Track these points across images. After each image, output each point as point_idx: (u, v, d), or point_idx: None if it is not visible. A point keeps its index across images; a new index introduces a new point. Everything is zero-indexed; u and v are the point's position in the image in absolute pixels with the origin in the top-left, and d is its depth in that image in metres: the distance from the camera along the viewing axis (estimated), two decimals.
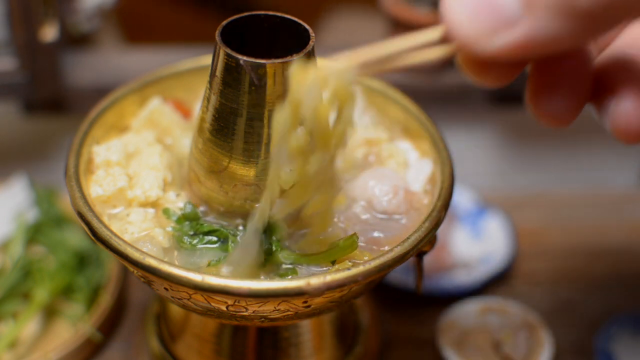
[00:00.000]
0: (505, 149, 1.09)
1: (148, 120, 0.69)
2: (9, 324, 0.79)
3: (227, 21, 0.57)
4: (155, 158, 0.64)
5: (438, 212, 0.60)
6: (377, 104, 0.73)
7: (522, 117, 1.07)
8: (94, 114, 0.67)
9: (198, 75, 0.72)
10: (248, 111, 0.56)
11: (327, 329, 0.73)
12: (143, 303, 0.84)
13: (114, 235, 0.56)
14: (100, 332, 0.79)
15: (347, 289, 0.55)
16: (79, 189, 0.60)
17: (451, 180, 0.63)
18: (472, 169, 1.06)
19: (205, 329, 0.70)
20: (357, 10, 1.48)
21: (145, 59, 1.02)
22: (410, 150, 0.69)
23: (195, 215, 0.61)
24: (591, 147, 1.10)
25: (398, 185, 0.63)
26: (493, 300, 0.84)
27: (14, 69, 0.92)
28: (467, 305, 0.83)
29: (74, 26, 1.05)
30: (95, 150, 0.65)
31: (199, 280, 0.53)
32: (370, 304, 0.82)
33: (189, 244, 0.59)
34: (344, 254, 0.57)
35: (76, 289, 0.82)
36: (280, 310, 0.56)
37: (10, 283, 0.80)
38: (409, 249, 0.57)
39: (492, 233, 0.93)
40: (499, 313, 0.83)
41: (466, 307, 0.83)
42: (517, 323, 0.82)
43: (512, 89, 1.01)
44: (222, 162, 0.59)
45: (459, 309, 0.83)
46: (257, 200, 0.59)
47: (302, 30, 0.57)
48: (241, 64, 0.54)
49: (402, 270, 0.87)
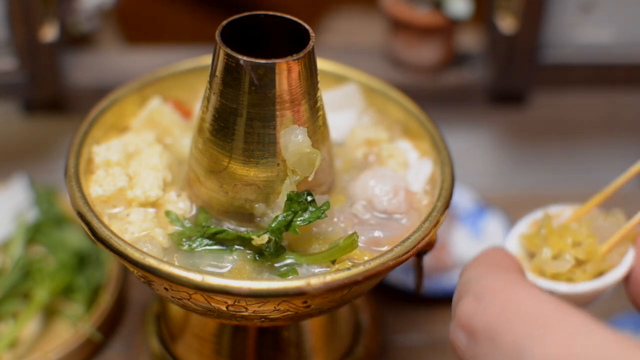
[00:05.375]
0: (505, 149, 1.09)
1: (148, 120, 0.69)
2: (9, 324, 0.79)
3: (227, 21, 0.57)
4: (155, 158, 0.64)
5: (438, 212, 0.60)
6: (377, 104, 0.73)
7: (522, 117, 1.08)
8: (94, 114, 0.67)
9: (198, 75, 0.72)
10: (248, 111, 0.56)
11: (327, 329, 0.73)
12: (143, 303, 0.84)
13: (114, 235, 0.56)
14: (100, 332, 0.79)
15: (347, 289, 0.55)
16: (79, 189, 0.60)
17: (451, 180, 0.64)
18: (472, 169, 1.06)
19: (205, 329, 0.70)
20: (357, 11, 1.48)
21: (145, 59, 1.02)
22: (410, 150, 0.69)
23: (206, 219, 0.61)
24: (591, 147, 1.10)
25: (398, 185, 0.63)
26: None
27: (14, 69, 0.92)
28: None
29: (74, 26, 1.05)
30: (95, 150, 0.65)
31: (199, 280, 0.53)
32: (370, 304, 0.82)
33: (188, 247, 0.59)
34: (344, 253, 0.57)
35: (76, 289, 0.82)
36: (280, 310, 0.56)
37: (10, 283, 0.80)
38: (409, 249, 0.57)
39: (492, 233, 0.93)
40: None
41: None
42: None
43: (512, 89, 1.02)
44: (222, 162, 0.59)
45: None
46: (257, 201, 0.59)
47: (302, 30, 0.57)
48: (241, 64, 0.54)
49: (402, 270, 0.87)
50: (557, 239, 0.59)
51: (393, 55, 1.01)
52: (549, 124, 1.09)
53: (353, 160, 0.68)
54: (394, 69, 1.02)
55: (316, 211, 0.58)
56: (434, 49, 0.99)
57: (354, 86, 0.73)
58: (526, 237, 0.61)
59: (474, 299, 0.49)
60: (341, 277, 0.54)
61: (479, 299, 0.48)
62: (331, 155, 0.64)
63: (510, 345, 0.44)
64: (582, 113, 1.08)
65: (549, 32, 0.97)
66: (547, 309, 0.45)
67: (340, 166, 0.67)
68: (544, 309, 0.45)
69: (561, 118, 1.09)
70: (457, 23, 0.98)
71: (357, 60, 0.98)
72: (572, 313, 0.45)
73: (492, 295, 0.48)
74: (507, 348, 0.44)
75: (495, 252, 0.57)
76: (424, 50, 0.99)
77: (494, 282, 0.49)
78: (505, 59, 0.97)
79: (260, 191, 0.59)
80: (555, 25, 0.97)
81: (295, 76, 0.56)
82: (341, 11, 1.50)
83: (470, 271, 0.53)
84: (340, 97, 0.72)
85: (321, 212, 0.58)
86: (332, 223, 0.60)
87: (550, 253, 0.58)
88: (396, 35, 1.00)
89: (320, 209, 0.58)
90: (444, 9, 0.96)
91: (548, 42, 0.97)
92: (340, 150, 0.69)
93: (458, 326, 0.49)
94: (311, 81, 0.57)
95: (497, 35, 0.97)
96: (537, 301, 0.46)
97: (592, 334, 0.43)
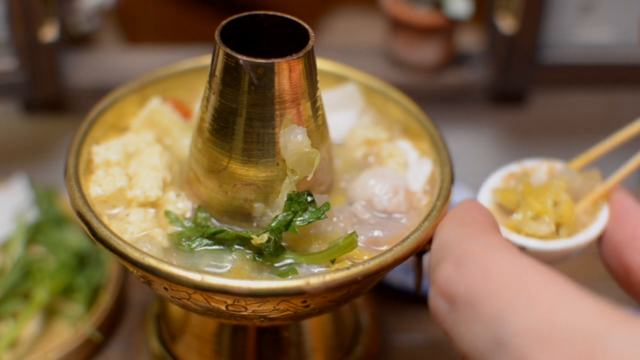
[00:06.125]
0: (505, 149, 1.09)
1: (148, 120, 0.69)
2: (9, 324, 0.79)
3: (227, 21, 0.57)
4: (155, 158, 0.64)
5: (438, 211, 0.60)
6: (377, 104, 0.73)
7: (522, 117, 1.07)
8: (94, 114, 0.67)
9: (198, 75, 0.73)
10: (247, 111, 0.56)
11: (327, 329, 0.73)
12: (143, 303, 0.84)
13: (114, 235, 0.56)
14: (100, 332, 0.79)
15: (347, 289, 0.55)
16: (79, 189, 0.60)
17: (451, 179, 0.64)
18: (472, 169, 1.06)
19: (205, 329, 0.70)
20: (357, 10, 1.48)
21: (145, 59, 1.03)
22: (410, 150, 0.69)
23: (205, 219, 0.61)
24: (591, 147, 1.10)
25: (398, 185, 0.63)
26: None
27: (14, 69, 0.92)
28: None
29: (74, 26, 1.05)
30: (95, 150, 0.65)
31: (199, 280, 0.53)
32: (370, 304, 0.82)
33: (187, 247, 0.59)
34: (343, 253, 0.57)
35: (76, 289, 0.82)
36: (280, 309, 0.56)
37: (10, 283, 0.80)
38: (408, 248, 0.57)
39: None
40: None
41: None
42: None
43: (512, 89, 1.02)
44: (221, 162, 0.59)
45: None
46: (256, 200, 0.59)
47: (302, 30, 0.57)
48: (241, 63, 0.54)
49: (402, 270, 0.87)
50: (536, 200, 0.58)
51: (393, 55, 1.01)
52: (548, 124, 1.09)
53: (353, 160, 0.68)
54: (394, 69, 1.02)
55: (316, 212, 0.58)
56: (434, 49, 0.99)
57: (353, 86, 0.73)
58: (500, 191, 0.60)
59: (454, 264, 0.47)
60: (341, 276, 0.54)
61: (459, 265, 0.47)
62: (331, 155, 0.64)
63: (490, 313, 0.43)
64: (582, 113, 1.08)
65: (549, 32, 0.97)
66: (529, 276, 0.44)
67: (340, 166, 0.67)
68: (525, 276, 0.44)
69: (561, 118, 1.09)
70: (457, 23, 0.98)
71: (357, 60, 0.98)
72: (555, 281, 0.44)
73: (472, 260, 0.47)
74: (487, 316, 0.43)
75: (469, 207, 0.55)
76: (424, 50, 0.99)
77: (473, 246, 0.48)
78: (505, 59, 0.97)
79: (259, 191, 0.59)
80: (555, 25, 0.97)
81: (294, 76, 0.56)
82: (341, 11, 1.50)
83: (447, 230, 0.52)
84: (340, 97, 0.72)
85: (321, 213, 0.58)
86: (331, 223, 0.60)
87: (530, 214, 0.58)
88: (396, 35, 1.00)
89: (320, 210, 0.58)
90: (444, 9, 0.96)
91: (548, 42, 0.98)
92: (340, 150, 0.69)
93: (438, 293, 0.48)
94: (311, 81, 0.57)
95: (497, 35, 0.97)
96: (519, 268, 0.45)
97: (573, 304, 0.42)
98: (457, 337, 0.46)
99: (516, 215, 0.59)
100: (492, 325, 0.43)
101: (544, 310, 0.42)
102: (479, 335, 0.44)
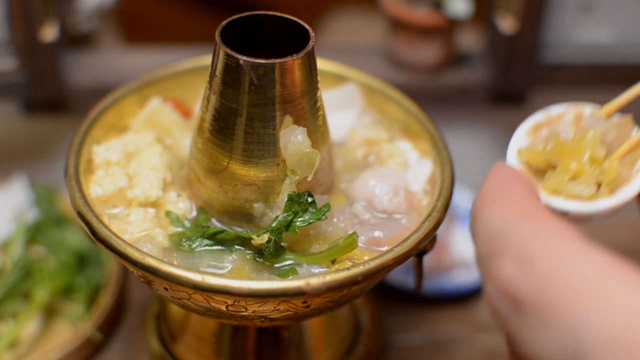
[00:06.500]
0: (505, 149, 1.09)
1: (148, 120, 0.69)
2: (9, 324, 0.79)
3: (227, 21, 0.57)
4: (155, 158, 0.64)
5: (438, 212, 0.60)
6: (377, 104, 0.73)
7: (522, 117, 1.07)
8: (94, 114, 0.67)
9: (198, 75, 0.73)
10: (248, 111, 0.56)
11: (327, 329, 0.73)
12: (143, 303, 0.84)
13: (114, 235, 0.56)
14: (100, 332, 0.79)
15: (347, 289, 0.55)
16: (79, 189, 0.60)
17: (451, 180, 0.63)
18: (472, 169, 1.06)
19: (205, 329, 0.70)
20: (357, 11, 1.48)
21: (145, 59, 1.03)
22: (410, 150, 0.69)
23: (206, 219, 0.61)
24: None
25: (399, 185, 0.63)
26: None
27: (14, 69, 0.92)
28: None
29: (74, 26, 1.05)
30: (95, 150, 0.65)
31: (199, 280, 0.53)
32: (370, 304, 0.82)
33: (187, 248, 0.59)
34: (343, 253, 0.57)
35: (76, 289, 0.82)
36: (280, 310, 0.56)
37: (10, 283, 0.80)
38: (408, 249, 0.57)
39: None
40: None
41: None
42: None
43: (512, 89, 1.02)
44: (222, 162, 0.59)
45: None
46: (257, 201, 0.59)
47: (302, 30, 0.57)
48: (241, 64, 0.54)
49: (402, 270, 0.87)
50: (572, 159, 0.52)
51: (393, 55, 1.01)
52: None
53: (353, 160, 0.68)
54: (394, 69, 1.02)
55: (316, 212, 0.58)
56: (434, 49, 0.99)
57: (353, 86, 0.73)
58: (528, 153, 0.55)
59: (516, 261, 0.43)
60: (341, 277, 0.54)
61: (521, 263, 0.43)
62: (331, 155, 0.64)
63: (564, 320, 0.40)
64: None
65: (549, 32, 0.97)
66: (605, 276, 0.40)
67: (340, 166, 0.67)
68: (601, 276, 0.40)
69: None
70: (457, 23, 0.98)
71: (357, 60, 0.98)
72: (629, 275, 0.40)
73: (537, 259, 0.42)
74: (561, 324, 0.40)
75: (507, 177, 0.50)
76: (424, 50, 0.99)
77: (534, 238, 0.44)
78: (505, 59, 0.97)
79: (260, 191, 0.59)
80: (555, 25, 0.97)
81: (295, 76, 0.56)
82: (341, 11, 1.50)
83: (494, 214, 0.47)
84: (340, 97, 0.72)
85: (321, 214, 0.58)
86: (332, 223, 0.60)
87: (568, 175, 0.52)
88: (396, 35, 1.00)
89: (321, 211, 0.58)
90: (444, 9, 0.96)
91: (548, 42, 0.98)
92: (340, 150, 0.69)
93: (499, 293, 0.44)
94: (311, 81, 0.57)
95: (497, 35, 0.97)
96: (591, 265, 0.41)
97: None
98: (523, 343, 0.43)
99: (551, 175, 0.53)
100: (567, 333, 0.40)
101: (623, 317, 0.38)
102: (552, 343, 0.41)
